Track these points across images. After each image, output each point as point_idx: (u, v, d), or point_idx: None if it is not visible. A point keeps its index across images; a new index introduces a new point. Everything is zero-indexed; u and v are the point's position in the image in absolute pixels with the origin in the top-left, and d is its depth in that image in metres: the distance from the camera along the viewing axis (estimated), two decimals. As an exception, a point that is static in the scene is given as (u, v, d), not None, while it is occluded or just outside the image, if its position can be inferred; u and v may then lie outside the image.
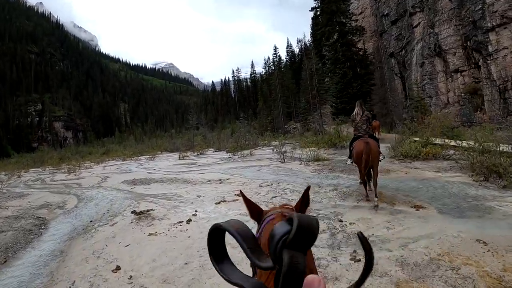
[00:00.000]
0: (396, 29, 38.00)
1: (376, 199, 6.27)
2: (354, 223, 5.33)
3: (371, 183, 6.83)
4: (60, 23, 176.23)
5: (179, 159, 23.30)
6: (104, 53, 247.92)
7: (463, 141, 11.35)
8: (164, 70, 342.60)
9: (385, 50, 41.09)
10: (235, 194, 8.19)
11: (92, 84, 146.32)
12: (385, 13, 40.17)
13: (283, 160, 14.01)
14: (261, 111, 56.87)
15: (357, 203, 6.56)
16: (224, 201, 7.70)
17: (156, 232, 5.82)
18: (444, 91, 27.76)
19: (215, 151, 28.68)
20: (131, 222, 6.67)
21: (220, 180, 10.92)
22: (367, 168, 6.42)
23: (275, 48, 58.66)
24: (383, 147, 10.04)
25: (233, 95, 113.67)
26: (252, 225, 1.00)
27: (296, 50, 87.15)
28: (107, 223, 6.89)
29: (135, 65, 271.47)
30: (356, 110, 7.49)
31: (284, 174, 10.90)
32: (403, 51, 35.91)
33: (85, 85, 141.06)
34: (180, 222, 6.29)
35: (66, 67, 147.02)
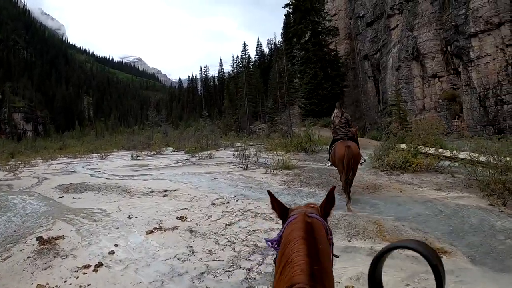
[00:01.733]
0: (371, 31, 37.01)
1: (349, 200, 6.17)
2: None
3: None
4: (27, 8, 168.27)
5: (132, 159, 20.87)
6: (71, 43, 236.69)
7: (459, 152, 9.70)
8: (132, 64, 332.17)
9: (359, 52, 40.03)
10: (177, 217, 6.07)
11: (56, 74, 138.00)
12: (360, 15, 39.23)
13: (245, 166, 11.89)
14: (227, 110, 55.10)
15: (349, 241, 4.53)
16: (160, 228, 5.54)
17: (46, 285, 3.67)
18: (420, 96, 26.72)
19: (174, 151, 26.41)
20: (28, 257, 4.57)
21: (165, 191, 8.70)
22: (349, 173, 6.26)
23: (244, 45, 56.48)
24: (363, 155, 8.50)
25: (199, 92, 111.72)
26: None
27: (266, 50, 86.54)
28: None
29: (102, 57, 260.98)
30: (335, 112, 7.31)
31: (245, 186, 8.77)
32: (378, 54, 34.89)
33: (49, 75, 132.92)
34: (86, 266, 4.13)
35: (29, 55, 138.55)
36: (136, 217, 6.34)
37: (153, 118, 40.93)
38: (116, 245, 4.81)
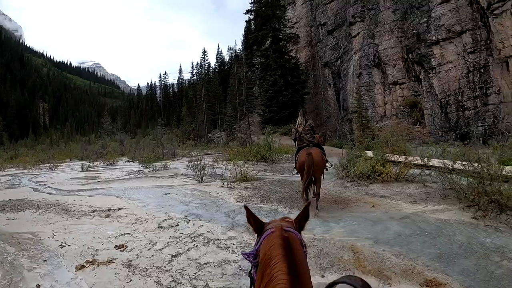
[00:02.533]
0: (332, 39, 37.16)
1: (316, 211, 6.13)
2: None
3: (311, 192, 6.62)
4: None
5: (82, 171, 19.19)
6: (28, 46, 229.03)
7: (430, 159, 9.17)
8: (90, 70, 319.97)
9: (320, 59, 40.13)
10: (116, 246, 5.00)
11: (10, 79, 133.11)
12: (322, 23, 39.40)
13: (200, 179, 10.82)
14: (185, 118, 53.63)
15: (322, 276, 3.63)
16: (93, 262, 4.42)
17: None
18: (381, 103, 26.81)
19: (128, 161, 24.76)
20: None
21: (108, 210, 7.52)
22: (308, 178, 6.24)
23: (204, 52, 55.20)
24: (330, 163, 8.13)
25: (159, 100, 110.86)
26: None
27: (227, 57, 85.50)
28: None
29: (59, 62, 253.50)
30: (298, 119, 7.20)
31: (199, 203, 7.73)
32: (339, 61, 35.02)
33: (3, 79, 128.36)
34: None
35: None
36: (69, 245, 5.19)
37: (107, 126, 38.85)
38: (38, 287, 3.69)
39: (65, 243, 5.29)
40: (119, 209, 7.68)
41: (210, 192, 8.88)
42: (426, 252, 4.13)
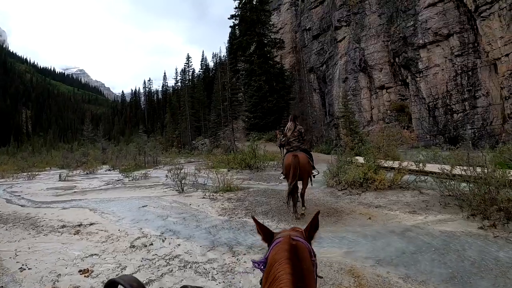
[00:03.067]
0: (318, 44, 36.83)
1: (303, 208, 6.44)
2: None
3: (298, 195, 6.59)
4: None
5: (60, 180, 18.30)
6: (11, 51, 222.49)
7: (425, 164, 8.72)
8: (74, 76, 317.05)
9: (305, 64, 39.85)
10: (81, 271, 4.37)
11: None
12: (307, 28, 39.08)
13: (181, 189, 10.16)
14: (168, 125, 52.72)
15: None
16: None
17: None
18: (367, 108, 26.53)
19: (109, 170, 23.88)
20: None
21: (79, 225, 6.86)
22: (294, 180, 6.19)
23: (188, 57, 54.06)
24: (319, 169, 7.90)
25: (143, 107, 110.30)
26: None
27: (211, 64, 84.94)
28: None
29: (43, 68, 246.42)
30: (288, 125, 7.13)
31: (177, 217, 7.07)
32: (324, 66, 34.70)
33: None
34: None
35: None
36: (30, 268, 4.56)
37: (88, 133, 37.74)
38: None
39: (26, 265, 4.67)
40: (91, 224, 7.00)
41: (190, 204, 8.24)
42: (436, 273, 3.59)
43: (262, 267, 1.30)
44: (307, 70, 39.40)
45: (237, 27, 48.96)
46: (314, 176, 6.95)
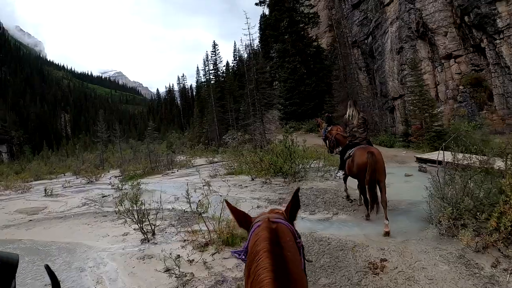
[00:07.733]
0: (359, 13, 32.28)
1: (386, 222, 5.39)
2: None
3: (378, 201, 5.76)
4: (2, 26, 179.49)
5: (45, 195, 15.72)
6: (48, 59, 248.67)
7: None
8: (112, 79, 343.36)
9: (347, 39, 35.53)
10: None
11: (30, 92, 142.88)
12: (344, -4, 34.82)
13: (151, 235, 6.62)
14: (196, 120, 50.95)
15: None
16: None
17: None
18: (431, 85, 21.99)
19: (114, 176, 21.65)
20: None
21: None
22: (373, 184, 5.58)
23: (214, 45, 50.70)
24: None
25: (178, 103, 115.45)
26: None
27: (245, 55, 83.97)
28: None
29: (80, 73, 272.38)
30: (349, 111, 6.45)
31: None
32: (370, 38, 30.23)
33: (23, 94, 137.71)
34: None
35: (4, 74, 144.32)
36: None
37: (103, 134, 35.80)
38: None
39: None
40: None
41: (150, 279, 4.72)
42: None
43: (243, 257, 1.27)
44: (349, 45, 35.15)
45: (263, 6, 46.28)
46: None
